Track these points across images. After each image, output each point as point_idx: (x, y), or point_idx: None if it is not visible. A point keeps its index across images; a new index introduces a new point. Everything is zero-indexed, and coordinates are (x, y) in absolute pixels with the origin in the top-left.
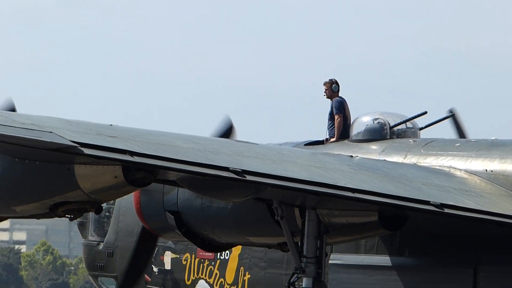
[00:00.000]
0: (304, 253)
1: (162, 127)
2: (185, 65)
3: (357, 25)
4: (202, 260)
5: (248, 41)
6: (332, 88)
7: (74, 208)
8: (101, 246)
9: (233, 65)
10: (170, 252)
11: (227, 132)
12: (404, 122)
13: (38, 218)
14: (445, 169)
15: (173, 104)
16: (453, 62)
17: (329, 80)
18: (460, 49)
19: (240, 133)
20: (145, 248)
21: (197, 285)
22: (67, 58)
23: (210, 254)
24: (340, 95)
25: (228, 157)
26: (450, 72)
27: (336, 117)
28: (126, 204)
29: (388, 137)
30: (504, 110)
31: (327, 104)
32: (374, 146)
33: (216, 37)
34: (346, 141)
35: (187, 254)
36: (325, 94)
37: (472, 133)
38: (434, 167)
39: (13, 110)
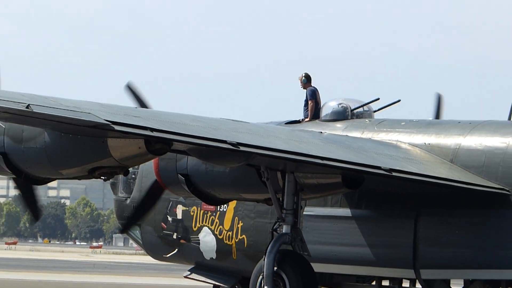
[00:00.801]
0: (284, 206)
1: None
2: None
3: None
4: (205, 212)
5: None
6: (302, 81)
7: (107, 172)
8: (128, 201)
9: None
10: (181, 205)
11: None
12: (362, 106)
13: (79, 179)
14: (393, 142)
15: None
16: (402, 58)
17: (301, 74)
18: (408, 47)
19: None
20: (153, 193)
21: (202, 231)
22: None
23: (212, 207)
24: (313, 84)
25: (226, 132)
26: (399, 66)
27: (309, 102)
28: (147, 169)
29: (350, 118)
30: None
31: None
32: (338, 125)
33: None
34: (317, 121)
35: (194, 207)
36: (300, 85)
37: (413, 116)
38: (384, 140)
39: None
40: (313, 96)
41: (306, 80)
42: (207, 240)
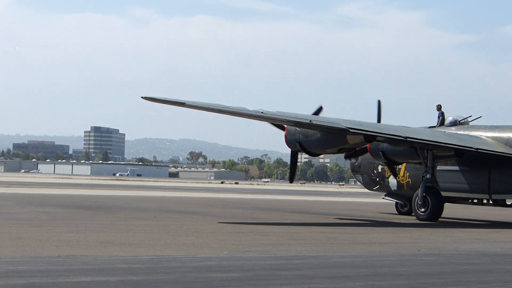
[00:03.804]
0: (428, 165)
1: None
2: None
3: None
4: (391, 167)
5: None
6: (437, 108)
7: (346, 150)
8: (356, 163)
9: None
10: (380, 165)
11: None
12: (464, 119)
13: (333, 154)
14: (478, 135)
15: None
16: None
17: (437, 104)
18: None
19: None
20: (393, 169)
21: (390, 177)
22: None
23: (394, 166)
24: (442, 110)
25: (401, 132)
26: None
27: (439, 118)
28: (364, 149)
29: (458, 125)
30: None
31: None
32: (452, 128)
33: None
34: (443, 127)
35: (386, 166)
36: (436, 109)
37: (488, 123)
38: (474, 135)
39: None
40: (441, 116)
41: (440, 107)
42: (392, 181)
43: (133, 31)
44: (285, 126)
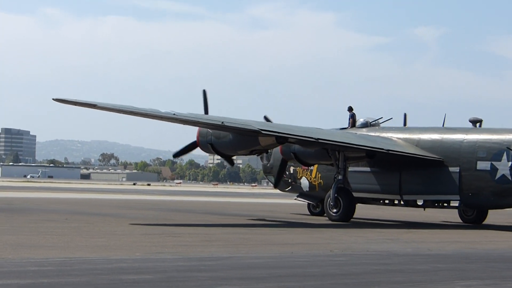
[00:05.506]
0: (339, 166)
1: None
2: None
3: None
4: (303, 169)
5: None
6: (348, 109)
7: (258, 152)
8: (268, 164)
9: None
10: (292, 166)
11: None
12: (374, 120)
13: (245, 155)
14: (389, 137)
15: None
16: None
17: (348, 107)
18: None
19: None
20: (283, 165)
21: (302, 178)
22: None
23: (306, 167)
24: (353, 111)
25: (313, 133)
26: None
27: (351, 120)
28: (276, 150)
29: (369, 126)
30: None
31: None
32: (364, 130)
33: None
34: (354, 128)
35: (298, 167)
36: (348, 111)
37: (398, 124)
38: (385, 136)
39: None
40: (352, 117)
41: (351, 109)
42: (304, 182)
43: (43, 31)
44: (197, 127)
